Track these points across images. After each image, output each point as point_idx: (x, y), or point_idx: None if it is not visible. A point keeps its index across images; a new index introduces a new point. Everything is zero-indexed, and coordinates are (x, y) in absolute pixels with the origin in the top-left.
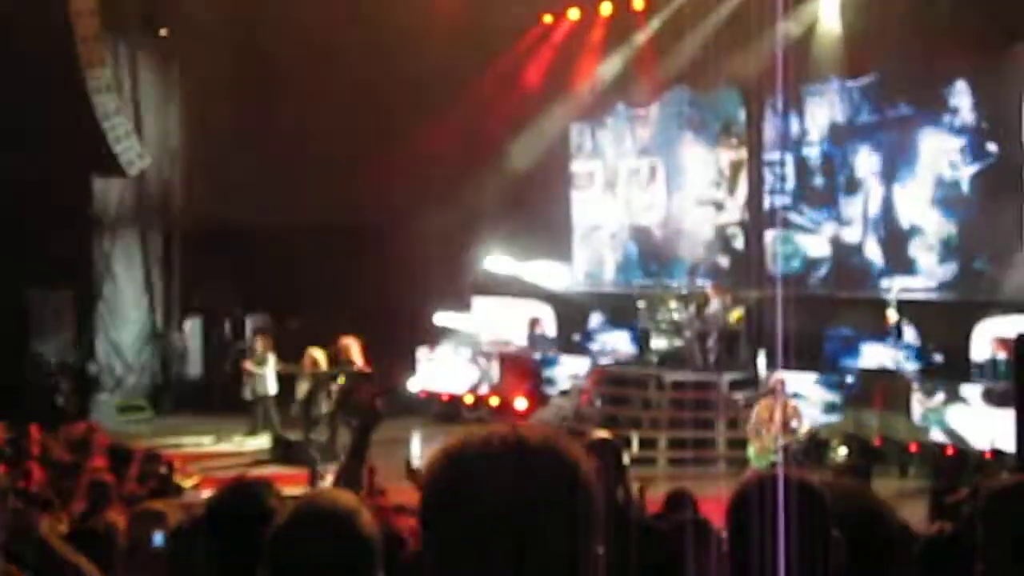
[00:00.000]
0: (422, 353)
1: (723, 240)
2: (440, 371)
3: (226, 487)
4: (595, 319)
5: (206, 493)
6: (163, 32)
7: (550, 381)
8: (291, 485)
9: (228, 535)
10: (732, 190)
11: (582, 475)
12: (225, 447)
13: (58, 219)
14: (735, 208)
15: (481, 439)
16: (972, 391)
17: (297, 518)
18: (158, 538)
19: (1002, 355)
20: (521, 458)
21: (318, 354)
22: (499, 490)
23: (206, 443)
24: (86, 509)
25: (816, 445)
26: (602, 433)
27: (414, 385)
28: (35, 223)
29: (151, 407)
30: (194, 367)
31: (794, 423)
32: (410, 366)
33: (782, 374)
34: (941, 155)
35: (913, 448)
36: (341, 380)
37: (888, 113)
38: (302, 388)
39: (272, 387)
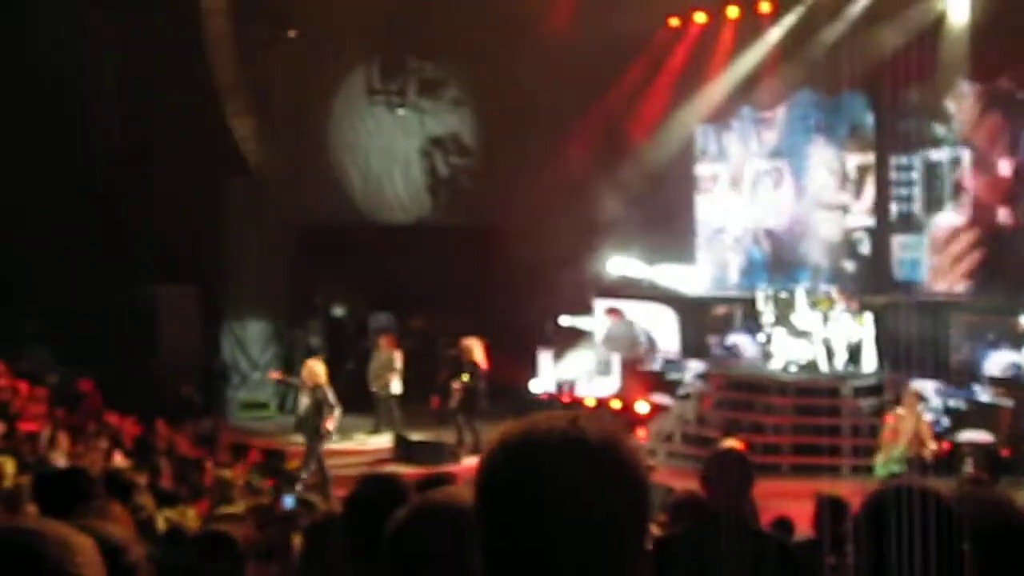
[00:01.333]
0: (544, 355)
1: (849, 245)
2: (562, 373)
3: (366, 479)
4: (719, 323)
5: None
6: (292, 33)
7: (672, 384)
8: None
9: (367, 527)
10: (859, 194)
11: (640, 472)
12: (347, 445)
13: (185, 217)
14: (861, 212)
15: (540, 429)
16: None
17: (417, 513)
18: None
19: None
20: (580, 450)
21: (318, 367)
22: (557, 482)
23: (329, 442)
24: (212, 505)
25: (943, 455)
26: (730, 442)
27: (536, 387)
28: (163, 221)
29: (275, 404)
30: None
31: (926, 436)
32: (532, 367)
33: (915, 385)
34: None
35: None
36: (465, 378)
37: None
38: (303, 402)
39: (397, 386)
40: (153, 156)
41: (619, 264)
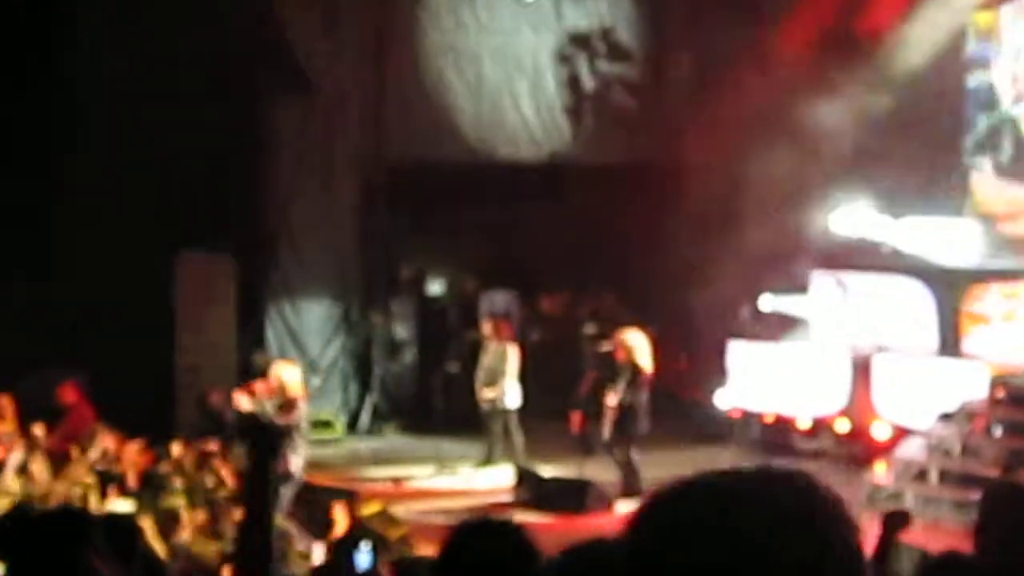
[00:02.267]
0: (736, 353)
1: None
2: (762, 380)
3: (467, 526)
4: (995, 307)
5: (423, 549)
6: None
7: (929, 398)
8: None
9: None
10: None
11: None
12: (447, 483)
13: (216, 159)
14: None
15: (705, 491)
16: None
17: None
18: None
19: None
20: (763, 535)
21: (287, 373)
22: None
23: (420, 477)
24: None
25: None
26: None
27: (723, 400)
28: (186, 164)
29: (342, 423)
30: (406, 367)
31: None
32: (718, 372)
33: None
34: None
35: None
36: (620, 388)
37: None
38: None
39: (514, 398)
40: (175, 72)
41: (848, 219)
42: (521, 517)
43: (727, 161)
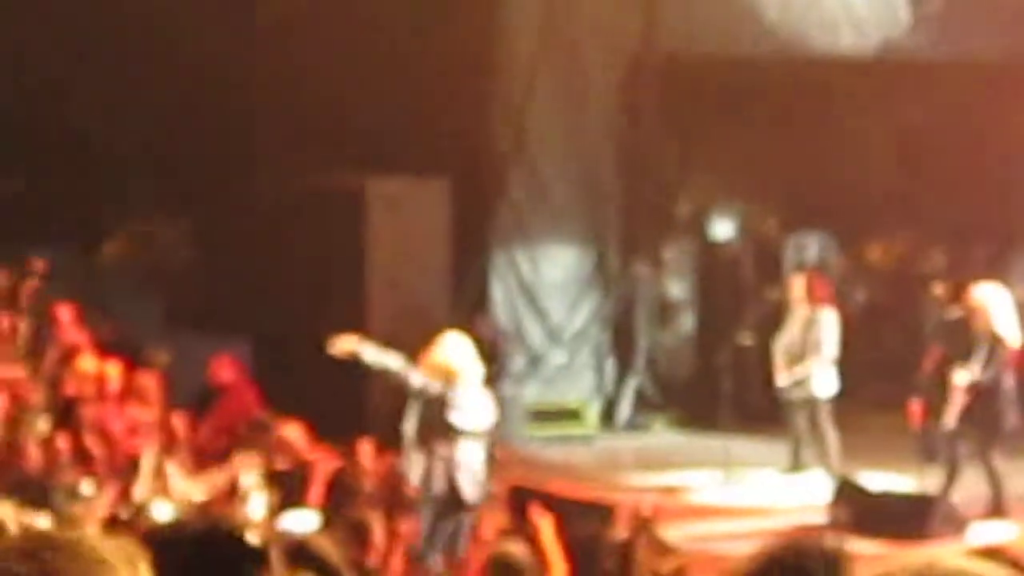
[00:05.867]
0: None
1: None
2: None
3: (771, 557)
4: None
5: None
6: None
7: None
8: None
9: None
10: None
11: None
12: (738, 496)
13: (420, 52)
14: None
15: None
16: None
17: None
18: None
19: None
20: None
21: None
22: None
23: (701, 487)
24: None
25: None
26: None
27: None
28: (373, 58)
29: (595, 413)
30: (682, 338)
31: None
32: None
33: None
34: None
35: None
36: (975, 367)
37: None
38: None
39: (829, 382)
40: None
41: None
42: (841, 540)
43: None
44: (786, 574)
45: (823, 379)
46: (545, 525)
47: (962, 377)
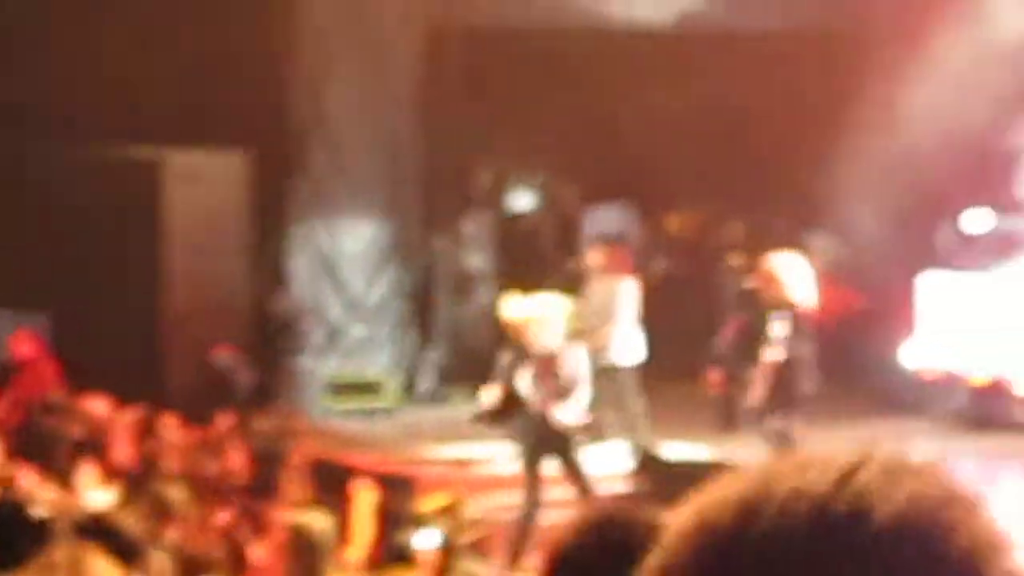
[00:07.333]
0: (930, 288)
1: None
2: (969, 331)
3: (585, 525)
4: None
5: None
6: None
7: None
8: None
9: None
10: None
11: None
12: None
13: (220, 18)
14: None
15: (777, 507)
16: None
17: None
18: None
19: None
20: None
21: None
22: None
23: (500, 459)
24: None
25: None
26: None
27: (913, 358)
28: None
29: (395, 386)
30: (480, 310)
31: None
32: (904, 318)
33: None
34: None
35: None
36: (775, 335)
37: None
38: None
39: (630, 351)
40: None
41: None
42: (643, 510)
43: (924, 37)
44: (610, 545)
45: (626, 348)
46: (364, 498)
47: (771, 354)
